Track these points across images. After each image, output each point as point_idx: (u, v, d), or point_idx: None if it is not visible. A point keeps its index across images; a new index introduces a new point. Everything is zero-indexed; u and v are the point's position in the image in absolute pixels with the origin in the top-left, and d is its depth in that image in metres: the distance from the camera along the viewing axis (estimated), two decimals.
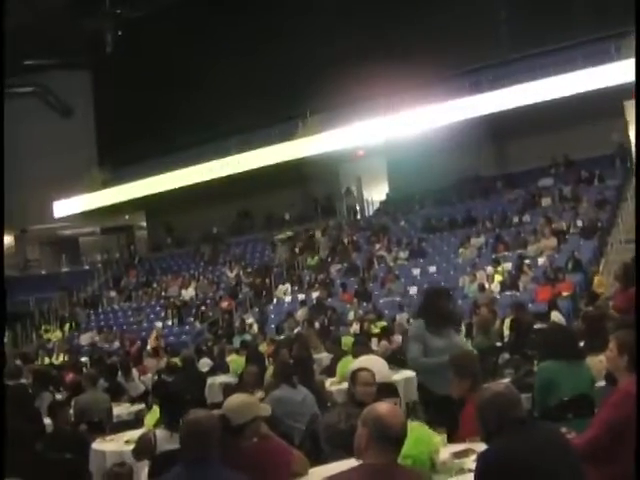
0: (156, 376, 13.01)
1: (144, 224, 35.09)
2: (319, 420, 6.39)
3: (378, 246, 24.00)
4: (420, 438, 4.54)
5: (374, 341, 13.55)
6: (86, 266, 34.22)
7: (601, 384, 6.16)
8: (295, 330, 18.63)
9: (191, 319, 24.63)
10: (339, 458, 4.69)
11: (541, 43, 22.75)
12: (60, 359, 21.52)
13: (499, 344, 11.15)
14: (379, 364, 7.95)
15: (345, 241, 25.38)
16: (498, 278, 19.12)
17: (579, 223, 20.71)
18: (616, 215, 20.74)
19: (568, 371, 5.76)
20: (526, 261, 19.43)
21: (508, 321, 12.51)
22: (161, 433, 5.83)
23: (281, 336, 17.84)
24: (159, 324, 24.63)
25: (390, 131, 24.48)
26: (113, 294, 28.98)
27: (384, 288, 21.08)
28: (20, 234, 34.46)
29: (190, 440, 4.01)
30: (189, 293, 26.26)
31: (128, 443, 6.98)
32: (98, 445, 7.41)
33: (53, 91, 33.58)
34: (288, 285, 24.10)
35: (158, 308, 26.22)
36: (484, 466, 3.60)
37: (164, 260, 30.70)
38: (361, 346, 10.05)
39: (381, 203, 28.16)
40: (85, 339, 24.88)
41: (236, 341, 17.49)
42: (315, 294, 22.00)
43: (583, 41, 22.09)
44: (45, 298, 29.53)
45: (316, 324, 18.71)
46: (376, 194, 28.29)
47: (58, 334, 26.06)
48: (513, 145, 24.97)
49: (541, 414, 5.68)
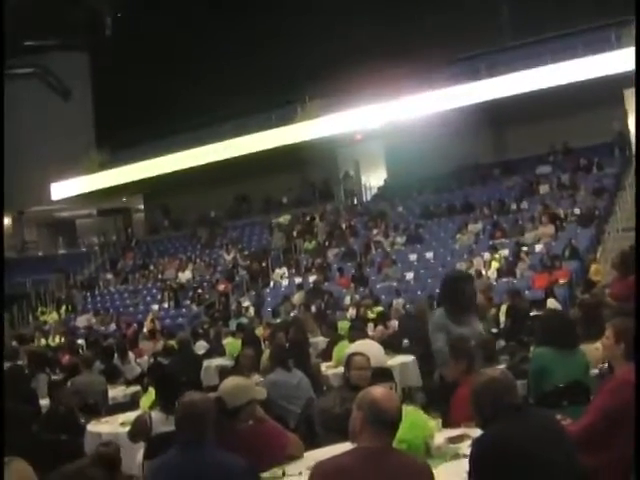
0: (152, 359, 13.03)
1: (141, 207, 35.01)
2: (314, 404, 6.40)
3: (375, 231, 24.02)
4: (415, 423, 4.55)
5: (370, 326, 13.58)
6: (83, 248, 34.22)
7: (596, 372, 6.17)
8: (291, 314, 18.70)
9: (187, 302, 24.65)
10: (334, 442, 4.69)
11: (541, 31, 22.74)
12: (56, 341, 21.55)
13: (495, 330, 11.17)
14: (375, 349, 7.99)
15: (343, 226, 25.39)
16: (495, 265, 19.13)
17: (577, 211, 20.72)
18: (614, 203, 20.77)
19: (562, 358, 5.76)
20: (523, 248, 19.44)
21: (504, 308, 12.55)
22: (157, 415, 5.84)
23: (277, 320, 17.87)
24: (155, 307, 24.69)
25: (388, 116, 24.40)
26: (110, 276, 28.98)
27: (381, 273, 21.11)
28: (18, 215, 34.42)
29: (185, 422, 4.02)
30: (186, 276, 26.26)
31: (124, 425, 6.98)
32: (93, 427, 7.41)
33: (53, 72, 33.39)
34: (285, 269, 24.12)
35: (155, 291, 26.22)
36: (479, 452, 3.61)
37: (161, 243, 30.68)
38: (357, 331, 10.04)
39: (379, 189, 28.14)
40: (81, 321, 24.92)
41: (232, 324, 17.45)
42: (312, 278, 22.01)
43: (583, 29, 22.08)
44: (42, 280, 29.51)
45: (312, 308, 18.71)
46: (374, 179, 28.28)
47: (54, 316, 26.08)
48: (512, 132, 24.95)
49: (536, 401, 5.70)
